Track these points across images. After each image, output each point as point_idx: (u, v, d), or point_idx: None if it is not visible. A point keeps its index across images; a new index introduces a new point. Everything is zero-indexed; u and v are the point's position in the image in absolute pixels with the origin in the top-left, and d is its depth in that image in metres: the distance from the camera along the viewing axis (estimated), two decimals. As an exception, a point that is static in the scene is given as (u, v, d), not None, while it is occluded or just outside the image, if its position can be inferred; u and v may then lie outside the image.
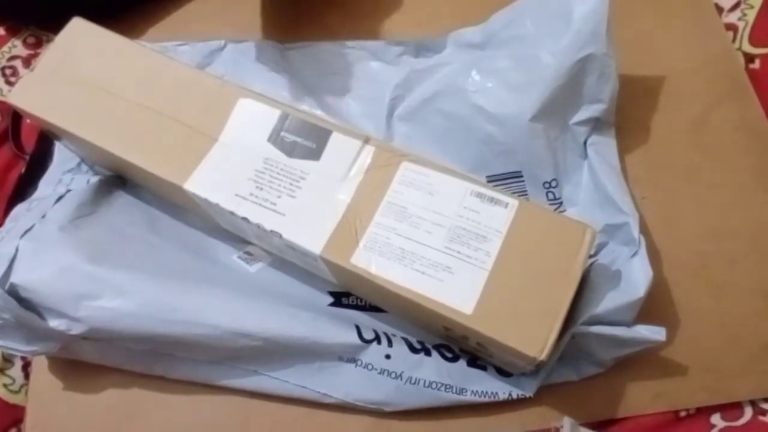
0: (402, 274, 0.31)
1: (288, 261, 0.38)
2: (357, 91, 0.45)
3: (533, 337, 0.30)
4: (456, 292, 0.31)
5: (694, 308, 0.38)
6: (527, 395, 0.35)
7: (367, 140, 0.35)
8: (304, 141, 0.35)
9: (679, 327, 0.37)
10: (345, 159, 0.35)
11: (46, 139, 0.44)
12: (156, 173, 0.35)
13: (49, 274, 0.33)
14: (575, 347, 0.34)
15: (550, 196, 0.40)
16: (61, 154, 0.44)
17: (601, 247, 0.38)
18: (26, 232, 0.35)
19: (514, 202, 0.32)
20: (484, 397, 0.35)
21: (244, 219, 0.34)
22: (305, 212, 0.34)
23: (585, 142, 0.40)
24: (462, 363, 0.36)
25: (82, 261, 0.34)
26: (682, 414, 0.36)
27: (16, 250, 0.34)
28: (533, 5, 0.41)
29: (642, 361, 0.36)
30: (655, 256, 0.36)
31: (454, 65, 0.43)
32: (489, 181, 0.41)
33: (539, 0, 0.40)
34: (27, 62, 0.50)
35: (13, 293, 0.33)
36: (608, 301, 0.33)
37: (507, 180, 0.41)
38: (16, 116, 0.47)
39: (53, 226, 0.36)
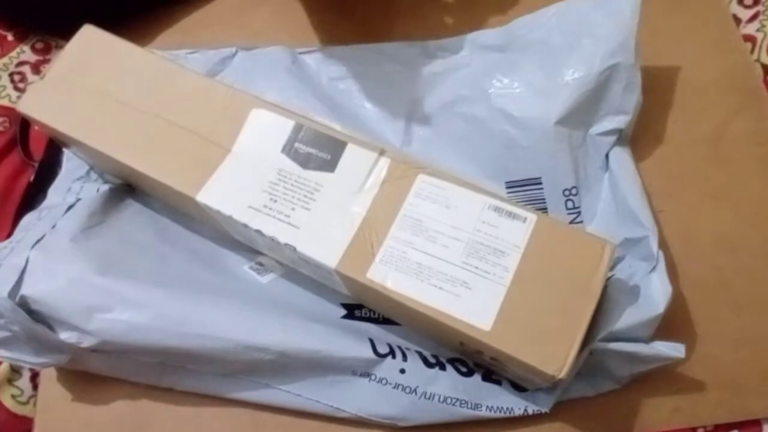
0: (419, 290, 0.31)
1: (300, 272, 0.38)
2: (373, 94, 0.44)
3: (552, 354, 0.29)
4: (474, 308, 0.30)
5: (711, 323, 0.37)
6: (543, 411, 0.35)
7: (382, 152, 0.34)
8: (319, 152, 0.35)
9: (696, 342, 0.37)
10: (360, 171, 0.34)
11: (55, 147, 0.44)
12: (168, 184, 0.35)
13: (61, 285, 0.33)
14: (592, 363, 0.33)
15: (569, 204, 0.40)
16: (70, 161, 0.43)
17: (617, 262, 0.37)
18: (37, 242, 0.35)
19: (532, 217, 0.32)
20: (500, 412, 0.35)
21: (258, 232, 0.33)
22: (320, 225, 0.33)
23: (607, 154, 0.40)
24: (477, 377, 0.35)
25: (93, 273, 0.34)
26: (700, 431, 0.36)
27: (27, 261, 0.33)
28: (560, 12, 0.40)
29: (659, 377, 0.36)
30: (671, 271, 0.35)
31: (474, 67, 0.43)
32: (508, 188, 0.40)
33: (566, 7, 0.40)
34: (36, 68, 0.50)
35: (23, 305, 0.33)
36: (627, 317, 0.32)
37: (526, 187, 0.40)
38: (25, 123, 0.47)
39: (64, 236, 0.35)
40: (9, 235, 0.40)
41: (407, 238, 0.32)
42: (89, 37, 0.39)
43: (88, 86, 0.38)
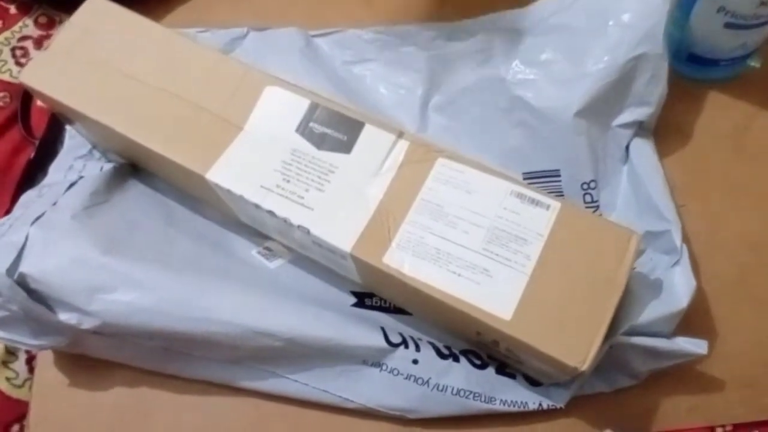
0: (437, 276, 0.30)
1: (309, 258, 0.37)
2: (388, 79, 0.43)
3: (574, 346, 0.28)
4: (494, 296, 0.29)
5: (732, 321, 0.36)
6: (558, 406, 0.34)
7: (401, 134, 0.33)
8: (335, 133, 0.33)
9: (717, 339, 0.36)
10: (377, 153, 0.33)
11: (57, 124, 0.43)
12: (176, 161, 0.34)
13: (61, 264, 0.32)
14: (610, 358, 0.32)
15: (588, 198, 0.39)
16: (72, 139, 0.42)
17: (638, 255, 0.36)
18: (37, 219, 0.33)
19: (556, 204, 0.31)
20: (514, 406, 0.34)
21: (270, 212, 0.32)
22: (335, 207, 0.32)
23: (626, 146, 0.39)
24: (491, 370, 0.34)
25: (95, 251, 0.32)
26: (719, 430, 0.35)
27: (26, 238, 0.32)
28: None
29: (676, 374, 0.35)
30: (693, 266, 0.34)
31: (493, 51, 0.42)
32: (525, 179, 0.39)
33: None
34: (38, 43, 0.48)
35: (22, 283, 0.31)
36: (649, 312, 0.32)
37: (544, 178, 0.39)
38: (26, 98, 0.45)
39: (65, 213, 0.34)
40: (8, 212, 0.39)
41: (425, 223, 0.31)
42: (97, 8, 0.38)
43: (94, 58, 0.36)
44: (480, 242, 0.30)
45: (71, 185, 0.37)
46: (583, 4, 0.39)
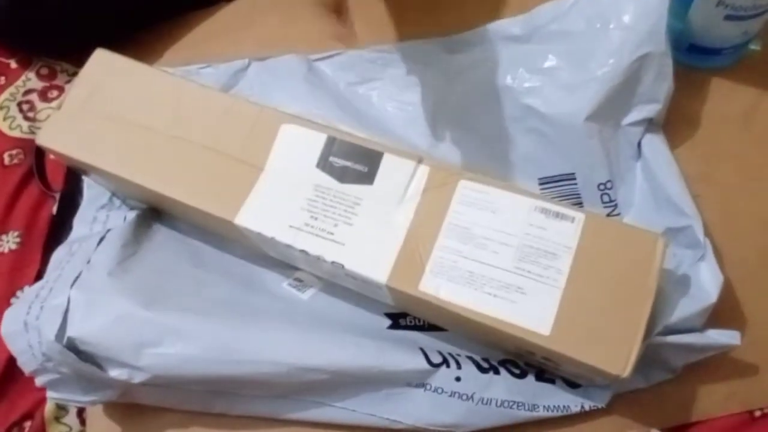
0: (473, 299, 0.31)
1: (339, 284, 0.37)
2: (394, 97, 0.43)
3: (615, 354, 0.29)
4: (531, 313, 0.30)
5: (759, 304, 0.37)
6: (600, 406, 0.34)
7: (420, 160, 0.34)
8: (355, 165, 0.34)
9: (747, 325, 0.37)
10: (399, 181, 0.33)
11: (74, 175, 0.43)
12: (203, 209, 0.34)
13: (106, 324, 0.32)
14: (646, 356, 0.33)
15: (605, 198, 0.39)
16: (90, 189, 0.42)
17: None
18: (75, 280, 0.34)
19: (580, 216, 0.32)
20: (557, 411, 0.35)
21: (303, 252, 0.33)
22: (365, 240, 0.33)
23: (638, 143, 0.39)
24: (530, 378, 0.35)
25: (136, 307, 0.33)
26: (757, 414, 0.36)
27: (68, 301, 0.33)
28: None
29: (711, 363, 0.35)
30: (715, 255, 0.35)
31: (496, 61, 0.42)
32: (541, 184, 0.40)
33: None
34: (43, 95, 0.48)
35: (71, 347, 0.32)
36: (680, 309, 0.32)
37: (560, 182, 0.40)
38: (39, 153, 0.46)
39: (101, 271, 0.34)
40: (39, 269, 0.40)
41: (456, 247, 0.32)
42: (103, 61, 0.38)
43: (108, 113, 0.37)
44: (511, 261, 0.31)
45: (101, 240, 0.37)
46: (581, 9, 0.39)
